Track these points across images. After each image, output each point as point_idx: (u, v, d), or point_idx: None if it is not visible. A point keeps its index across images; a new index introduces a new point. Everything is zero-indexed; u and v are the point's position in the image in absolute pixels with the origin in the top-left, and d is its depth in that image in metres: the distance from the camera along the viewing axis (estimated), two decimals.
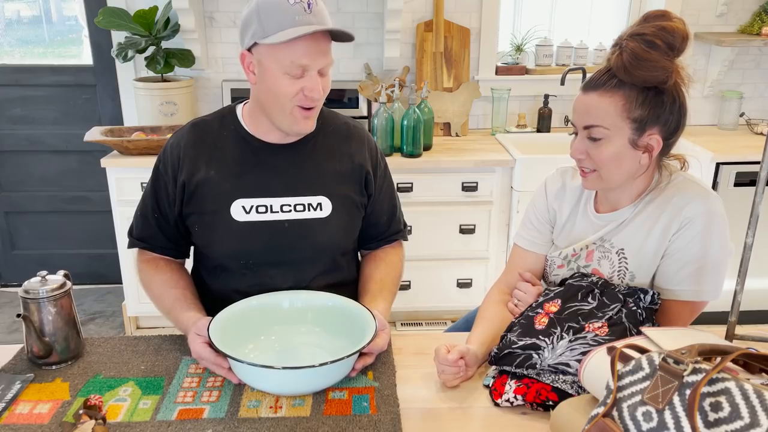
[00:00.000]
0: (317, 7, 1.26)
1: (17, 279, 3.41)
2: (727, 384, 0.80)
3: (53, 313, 1.25)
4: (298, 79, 1.28)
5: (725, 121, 3.20)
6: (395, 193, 1.59)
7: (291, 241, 1.41)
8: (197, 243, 1.48)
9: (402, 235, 1.61)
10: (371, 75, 3.04)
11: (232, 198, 1.39)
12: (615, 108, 1.22)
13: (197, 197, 1.40)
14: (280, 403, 1.17)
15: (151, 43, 2.87)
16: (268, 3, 1.25)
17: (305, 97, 1.29)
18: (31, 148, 3.23)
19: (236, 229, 1.39)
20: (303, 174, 1.42)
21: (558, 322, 1.20)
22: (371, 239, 1.57)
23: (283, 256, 1.42)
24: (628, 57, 1.19)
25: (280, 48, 1.25)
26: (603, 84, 1.23)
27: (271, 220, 1.40)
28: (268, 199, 1.40)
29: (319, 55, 1.27)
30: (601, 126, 1.23)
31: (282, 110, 1.32)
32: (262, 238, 1.40)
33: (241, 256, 1.42)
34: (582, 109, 1.26)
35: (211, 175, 1.39)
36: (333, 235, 1.44)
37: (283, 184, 1.40)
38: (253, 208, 1.39)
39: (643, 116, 1.22)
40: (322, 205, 1.41)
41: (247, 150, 1.41)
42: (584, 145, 1.27)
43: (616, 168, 1.26)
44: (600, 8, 3.32)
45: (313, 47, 1.26)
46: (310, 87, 1.28)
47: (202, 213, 1.40)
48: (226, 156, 1.40)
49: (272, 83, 1.29)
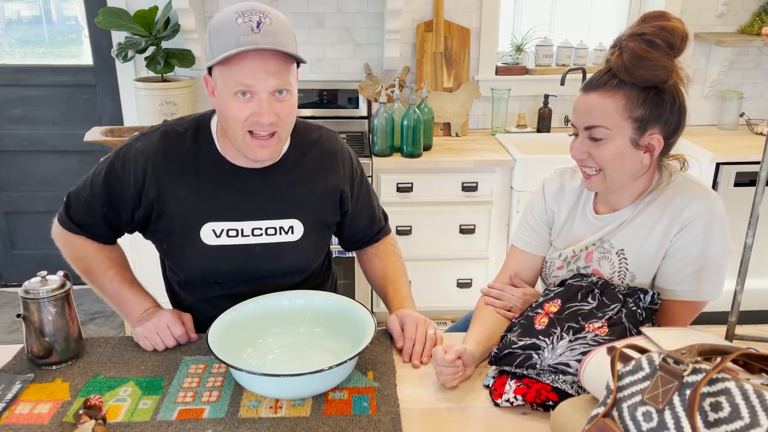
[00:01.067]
0: (269, 27, 1.20)
1: (17, 279, 3.41)
2: (727, 384, 0.80)
3: (53, 313, 1.25)
4: (247, 103, 1.23)
5: (725, 121, 3.20)
6: (372, 195, 1.56)
7: (262, 264, 1.40)
8: (164, 257, 1.46)
9: (384, 232, 1.60)
10: (371, 75, 3.05)
11: (202, 221, 1.36)
12: (616, 108, 1.22)
13: (166, 217, 1.36)
14: (280, 403, 1.17)
15: (151, 43, 2.87)
16: (218, 24, 1.22)
17: (255, 122, 1.24)
18: (31, 148, 3.23)
19: (206, 252, 1.37)
20: (276, 197, 1.39)
21: (558, 322, 1.20)
22: (355, 243, 1.58)
23: (253, 276, 1.42)
24: (628, 56, 1.19)
25: (224, 68, 1.21)
26: (604, 84, 1.23)
27: (241, 244, 1.38)
28: (239, 222, 1.37)
29: (266, 76, 1.20)
30: (602, 126, 1.23)
31: (235, 136, 1.27)
32: (232, 262, 1.39)
33: (211, 276, 1.42)
34: (583, 109, 1.26)
35: (182, 195, 1.35)
36: (304, 256, 1.44)
37: (255, 208, 1.38)
38: (224, 232, 1.37)
39: (644, 116, 1.22)
40: (293, 228, 1.40)
41: (219, 171, 1.36)
42: (585, 146, 1.27)
43: (618, 168, 1.26)
44: (600, 8, 3.32)
45: (260, 67, 1.20)
46: (258, 111, 1.22)
47: (171, 232, 1.38)
48: (199, 176, 1.36)
49: (224, 106, 1.25)
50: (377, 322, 1.28)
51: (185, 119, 1.41)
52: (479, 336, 1.31)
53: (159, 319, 1.34)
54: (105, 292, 1.43)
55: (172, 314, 1.36)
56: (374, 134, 2.78)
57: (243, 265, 1.39)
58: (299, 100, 3.10)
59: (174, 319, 1.35)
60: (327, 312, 1.36)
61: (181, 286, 1.49)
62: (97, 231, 1.42)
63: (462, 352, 1.21)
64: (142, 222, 1.39)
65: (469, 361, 1.22)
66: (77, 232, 1.42)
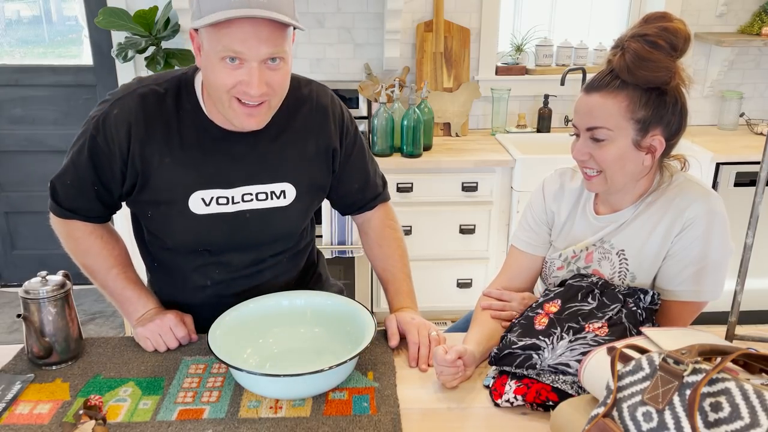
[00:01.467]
0: None
1: (17, 279, 3.41)
2: (727, 384, 0.80)
3: (53, 313, 1.25)
4: (236, 70, 1.15)
5: (725, 121, 3.20)
6: (367, 157, 1.48)
7: (252, 230, 1.36)
8: (149, 227, 1.38)
9: (381, 199, 1.53)
10: (371, 75, 3.05)
11: (191, 190, 1.29)
12: (618, 109, 1.22)
13: (151, 186, 1.29)
14: (280, 403, 1.17)
15: (151, 43, 2.86)
16: None
17: (242, 92, 1.16)
18: (31, 148, 3.23)
19: (194, 221, 1.31)
20: (266, 161, 1.32)
21: (558, 322, 1.20)
22: (345, 207, 1.53)
23: (243, 242, 1.38)
24: (630, 57, 1.18)
25: (212, 30, 1.12)
26: (606, 85, 1.23)
27: (231, 211, 1.32)
28: (228, 190, 1.31)
29: (257, 43, 1.12)
30: (604, 127, 1.23)
31: (221, 101, 1.20)
32: (222, 229, 1.34)
33: (199, 245, 1.37)
34: (585, 110, 1.26)
35: (166, 163, 1.27)
36: (294, 220, 1.40)
37: (245, 174, 1.31)
38: (213, 200, 1.31)
39: (647, 117, 1.22)
40: (285, 192, 1.35)
41: (207, 136, 1.29)
42: (587, 147, 1.27)
43: (620, 169, 1.26)
44: (600, 8, 3.32)
45: (250, 33, 1.11)
46: (247, 81, 1.15)
47: (157, 202, 1.31)
48: (184, 142, 1.28)
49: (210, 70, 1.17)
50: (377, 322, 1.28)
51: (163, 77, 1.31)
52: (479, 336, 1.31)
53: (162, 320, 1.34)
54: (107, 290, 1.41)
55: (175, 316, 1.36)
56: (374, 134, 2.78)
57: (233, 232, 1.35)
58: None
59: (176, 321, 1.34)
60: (327, 312, 1.36)
61: (164, 252, 1.42)
62: (92, 212, 1.36)
63: (462, 353, 1.21)
64: (128, 191, 1.32)
65: (469, 361, 1.22)
66: (70, 217, 1.36)
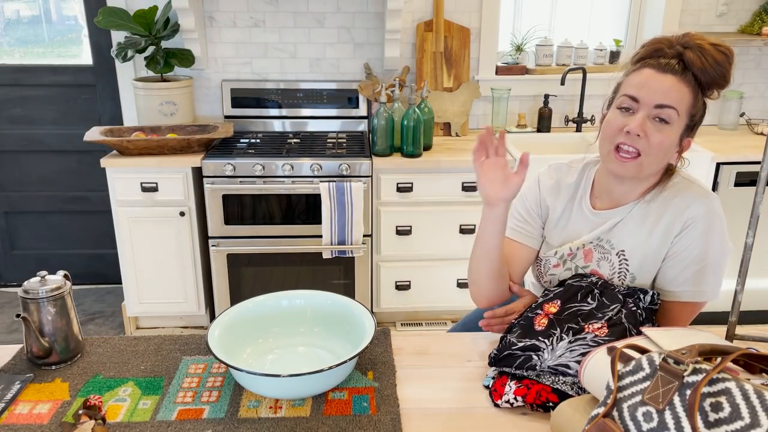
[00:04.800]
0: None
1: (17, 279, 3.41)
2: (727, 384, 0.80)
3: (53, 313, 1.25)
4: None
5: (725, 121, 3.20)
6: None
7: None
8: None
9: None
10: (371, 75, 3.05)
11: None
12: (686, 99, 1.23)
13: None
14: (280, 403, 1.17)
15: (151, 43, 2.87)
16: None
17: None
18: (31, 148, 3.23)
19: None
20: None
21: (557, 323, 1.20)
22: None
23: None
24: (703, 54, 1.22)
25: None
26: (680, 72, 1.23)
27: None
28: None
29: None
30: (675, 109, 1.22)
31: None
32: None
33: None
34: (659, 87, 1.23)
35: None
36: None
37: None
38: None
39: (696, 117, 1.26)
40: None
41: None
42: (646, 125, 1.24)
43: (659, 158, 1.26)
44: (600, 8, 3.32)
45: None
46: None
47: None
48: None
49: None
50: (377, 322, 1.27)
51: None
52: None
53: None
54: None
55: None
56: (374, 134, 2.78)
57: None
58: (297, 100, 3.10)
59: None
60: (327, 312, 1.36)
61: None
62: None
63: None
64: None
65: None
66: None
